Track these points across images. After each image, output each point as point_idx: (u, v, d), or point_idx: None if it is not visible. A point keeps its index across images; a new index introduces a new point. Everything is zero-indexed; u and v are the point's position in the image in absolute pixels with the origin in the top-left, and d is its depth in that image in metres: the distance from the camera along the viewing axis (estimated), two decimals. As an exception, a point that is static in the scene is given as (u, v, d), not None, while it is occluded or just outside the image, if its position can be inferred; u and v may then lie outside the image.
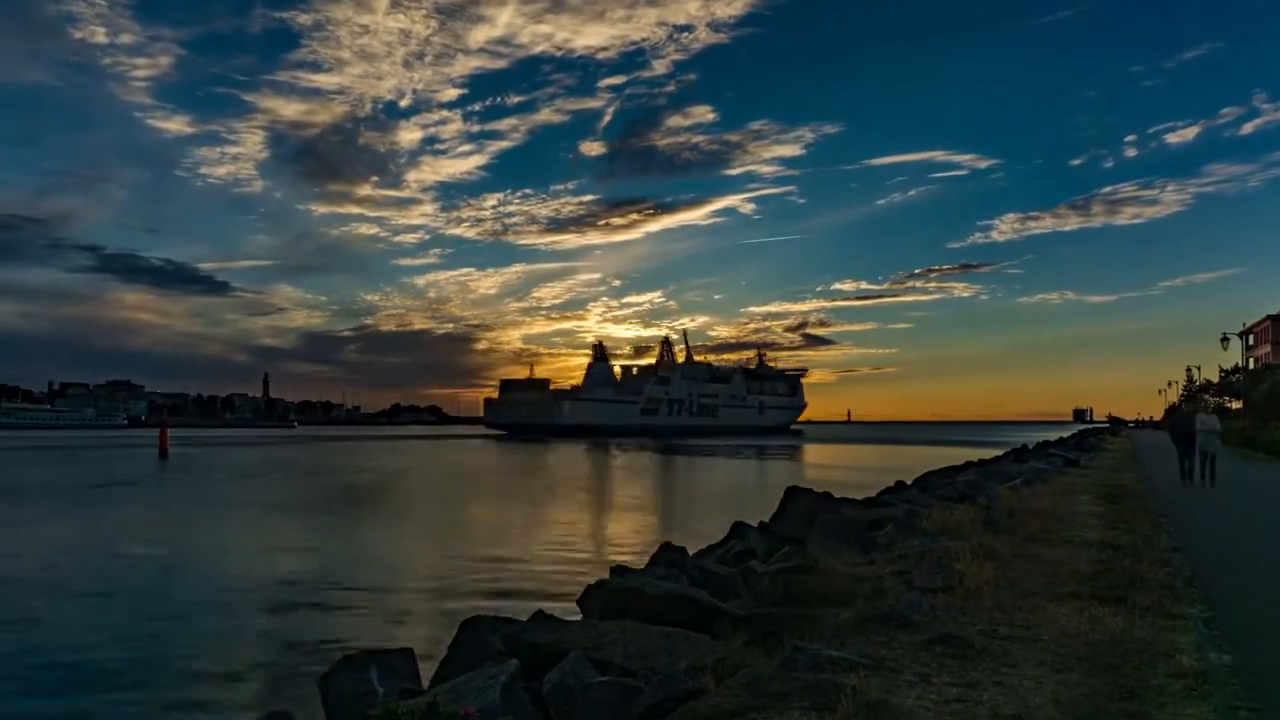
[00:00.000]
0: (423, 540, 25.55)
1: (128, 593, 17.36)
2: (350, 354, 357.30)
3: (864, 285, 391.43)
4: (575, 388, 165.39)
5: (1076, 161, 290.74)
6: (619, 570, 11.21)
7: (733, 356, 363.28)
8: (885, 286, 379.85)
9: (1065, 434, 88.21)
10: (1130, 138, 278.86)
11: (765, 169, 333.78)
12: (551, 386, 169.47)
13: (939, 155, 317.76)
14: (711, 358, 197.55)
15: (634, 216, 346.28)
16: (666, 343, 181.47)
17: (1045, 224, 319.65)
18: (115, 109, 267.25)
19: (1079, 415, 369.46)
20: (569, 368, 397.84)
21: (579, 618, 9.39)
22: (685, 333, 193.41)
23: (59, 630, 14.35)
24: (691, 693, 5.55)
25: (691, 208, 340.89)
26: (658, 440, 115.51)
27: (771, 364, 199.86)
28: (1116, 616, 7.51)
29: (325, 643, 13.34)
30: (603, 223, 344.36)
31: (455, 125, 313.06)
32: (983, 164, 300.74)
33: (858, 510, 16.88)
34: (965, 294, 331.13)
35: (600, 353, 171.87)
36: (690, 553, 13.49)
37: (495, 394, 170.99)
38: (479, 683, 5.87)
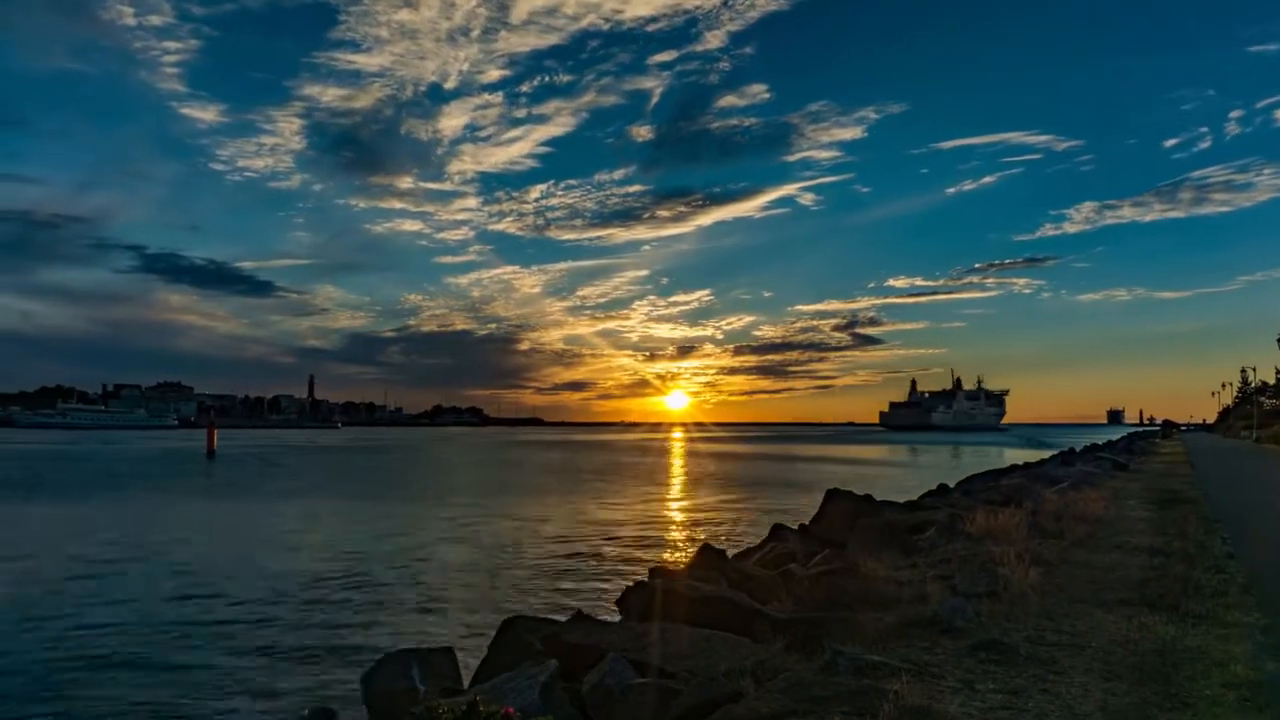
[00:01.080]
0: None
1: (191, 584, 17.75)
2: (392, 354, 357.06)
3: (919, 281, 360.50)
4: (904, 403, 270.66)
5: (1171, 142, 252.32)
6: (657, 572, 11.20)
7: (775, 357, 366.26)
8: (940, 283, 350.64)
9: (1113, 437, 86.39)
10: (1236, 113, 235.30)
11: (823, 154, 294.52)
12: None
13: (1013, 137, 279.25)
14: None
15: (681, 208, 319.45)
16: (957, 380, 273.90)
17: (1124, 214, 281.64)
18: (148, 97, 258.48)
19: (1113, 417, 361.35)
20: (610, 369, 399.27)
21: (618, 619, 9.40)
22: (956, 376, 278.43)
23: (114, 621, 14.73)
24: (731, 695, 5.53)
25: (743, 199, 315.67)
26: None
27: (981, 384, 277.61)
28: (1168, 624, 7.33)
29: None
30: (650, 215, 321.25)
31: (499, 109, 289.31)
32: (1062, 145, 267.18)
33: (899, 513, 16.71)
34: (1025, 290, 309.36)
35: (913, 386, 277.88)
36: (730, 555, 13.45)
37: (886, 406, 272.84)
38: (519, 682, 5.91)
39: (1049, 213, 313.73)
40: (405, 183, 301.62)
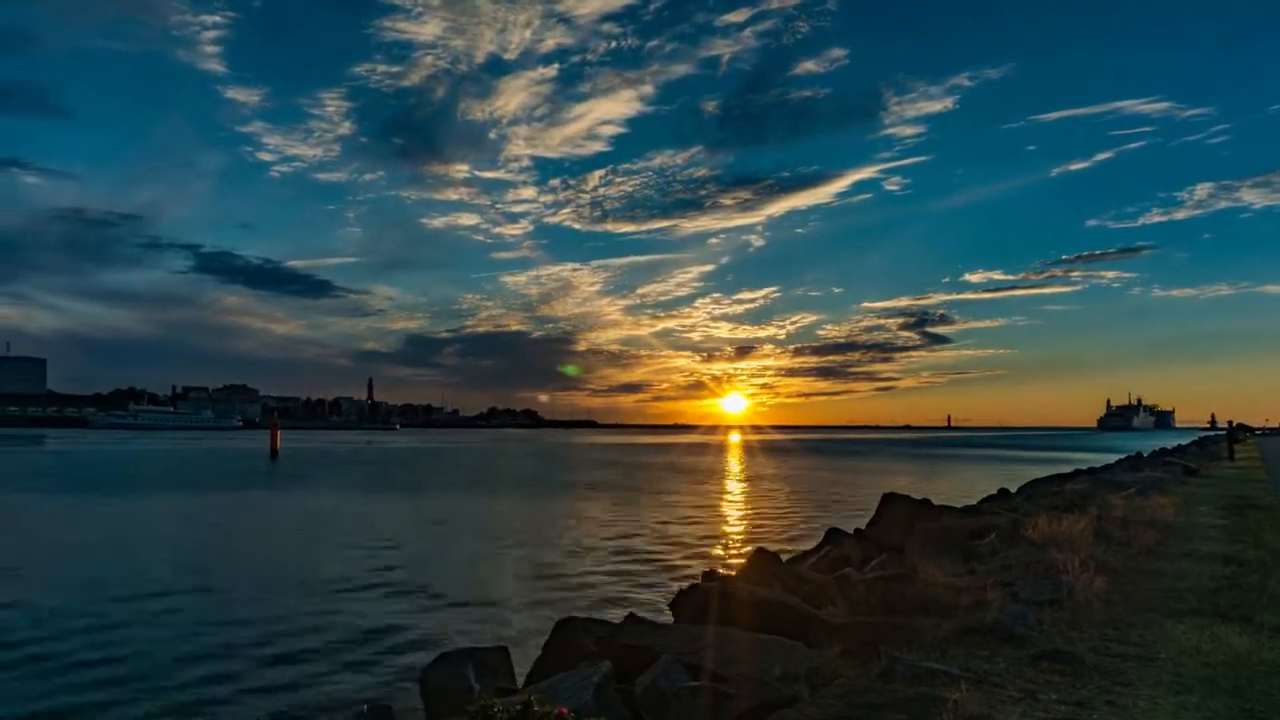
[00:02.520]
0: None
1: (255, 579, 18.25)
2: (448, 356, 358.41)
3: (997, 275, 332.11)
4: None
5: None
6: (711, 575, 11.16)
7: (837, 358, 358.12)
8: (1020, 277, 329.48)
9: (1184, 442, 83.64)
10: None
11: (906, 131, 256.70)
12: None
13: (1127, 106, 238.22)
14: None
15: (749, 196, 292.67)
16: (1138, 400, 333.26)
17: (1242, 196, 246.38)
18: (188, 79, 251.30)
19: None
20: (667, 370, 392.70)
21: (671, 621, 9.39)
22: (1136, 397, 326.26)
23: (179, 613, 15.19)
24: (785, 701, 5.48)
25: (815, 185, 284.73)
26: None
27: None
28: (1241, 636, 7.06)
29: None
30: (715, 204, 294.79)
31: (560, 84, 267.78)
32: (1184, 114, 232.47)
33: (958, 518, 16.38)
34: (1114, 284, 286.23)
35: (1109, 405, 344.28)
36: (784, 558, 13.34)
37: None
38: (572, 683, 5.93)
39: (1158, 195, 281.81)
40: (460, 171, 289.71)
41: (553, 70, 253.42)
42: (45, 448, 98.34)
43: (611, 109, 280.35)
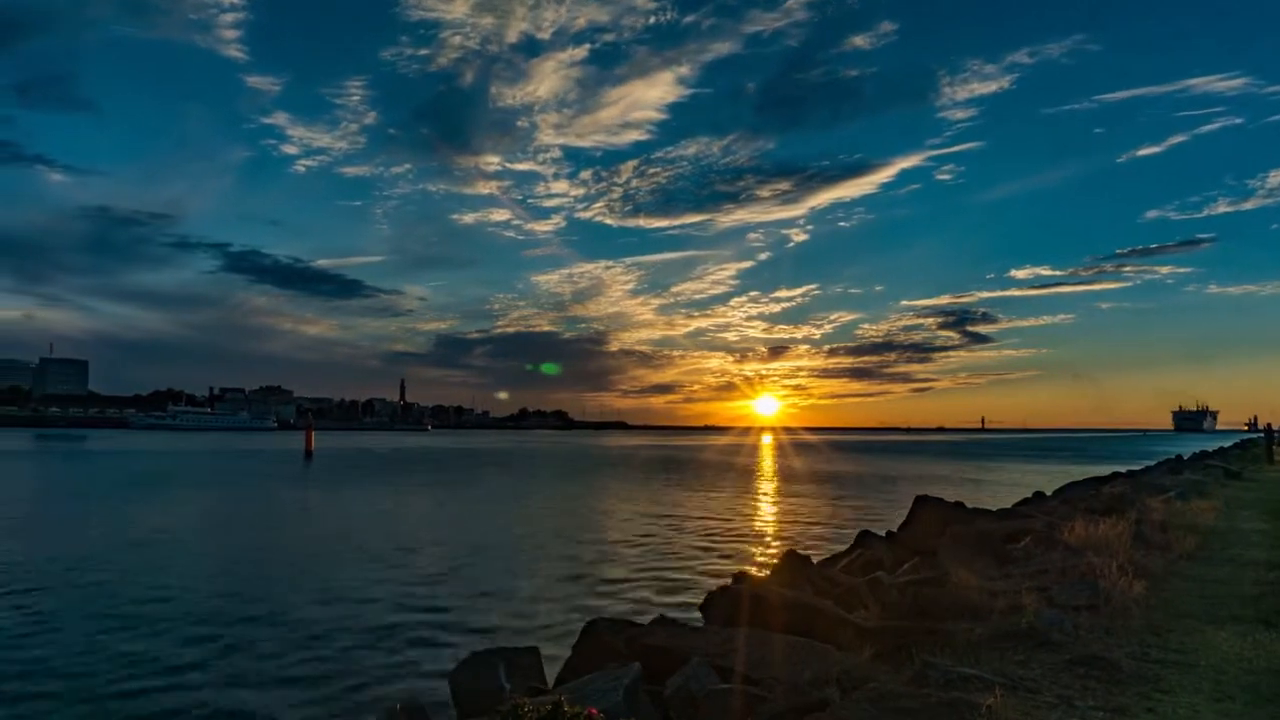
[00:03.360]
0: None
1: (289, 578, 18.50)
2: (478, 356, 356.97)
3: (1045, 271, 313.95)
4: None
5: None
6: (741, 577, 11.12)
7: (872, 359, 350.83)
8: (1068, 273, 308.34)
9: (1226, 444, 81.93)
10: None
11: (958, 114, 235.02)
12: None
13: (1198, 84, 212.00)
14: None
15: (787, 186, 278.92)
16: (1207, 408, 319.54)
17: None
18: (209, 68, 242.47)
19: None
20: (699, 371, 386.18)
21: (701, 623, 9.37)
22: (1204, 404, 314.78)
23: (213, 609, 15.44)
24: (816, 704, 5.44)
25: (859, 175, 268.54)
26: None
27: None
28: (1286, 643, 6.90)
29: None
30: (754, 196, 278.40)
31: (591, 68, 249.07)
32: (1267, 90, 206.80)
33: (992, 521, 16.17)
34: (1168, 281, 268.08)
35: (1180, 407, 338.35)
36: (815, 561, 13.26)
37: None
38: (602, 684, 5.94)
39: (1227, 183, 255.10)
40: (490, 163, 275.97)
41: (587, 50, 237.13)
42: (95, 446, 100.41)
43: (647, 93, 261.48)
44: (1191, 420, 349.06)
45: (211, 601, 16.75)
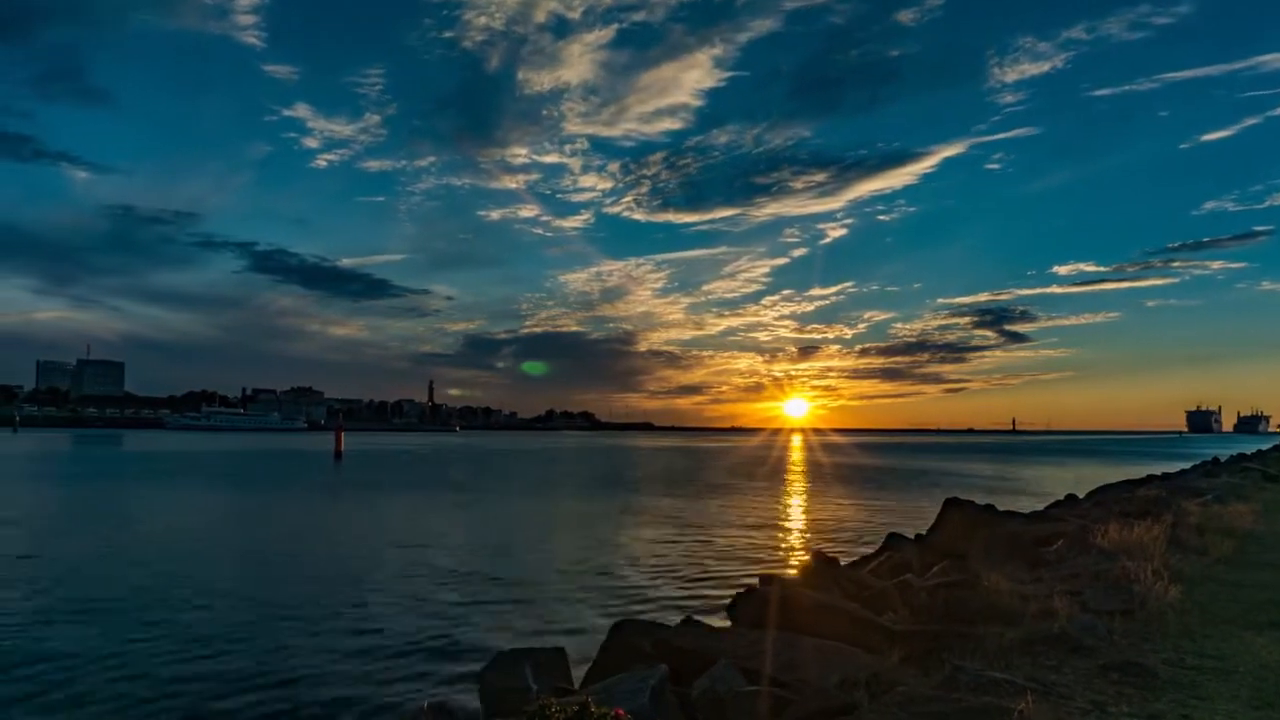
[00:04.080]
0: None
1: (320, 576, 18.71)
2: (505, 357, 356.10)
3: (1089, 267, 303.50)
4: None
5: None
6: (769, 579, 11.07)
7: (904, 359, 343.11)
8: (1113, 269, 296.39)
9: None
10: None
11: (1006, 98, 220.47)
12: None
13: (1271, 61, 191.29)
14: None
15: (823, 178, 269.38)
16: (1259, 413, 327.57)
17: None
18: (226, 55, 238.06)
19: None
20: (727, 371, 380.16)
21: (728, 625, 9.34)
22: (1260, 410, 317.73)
23: (244, 608, 15.64)
24: (844, 708, 5.40)
25: (898, 165, 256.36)
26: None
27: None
28: (1328, 650, 6.75)
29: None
30: (787, 187, 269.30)
31: (622, 50, 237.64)
32: None
33: (1023, 524, 15.99)
34: (1219, 276, 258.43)
35: (1239, 415, 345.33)
36: (843, 563, 13.18)
37: None
38: (629, 685, 5.93)
39: None
40: (517, 155, 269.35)
41: (617, 30, 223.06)
42: (132, 447, 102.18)
43: (681, 77, 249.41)
44: (1204, 419, 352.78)
45: (239, 601, 16.96)
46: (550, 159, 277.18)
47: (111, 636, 13.98)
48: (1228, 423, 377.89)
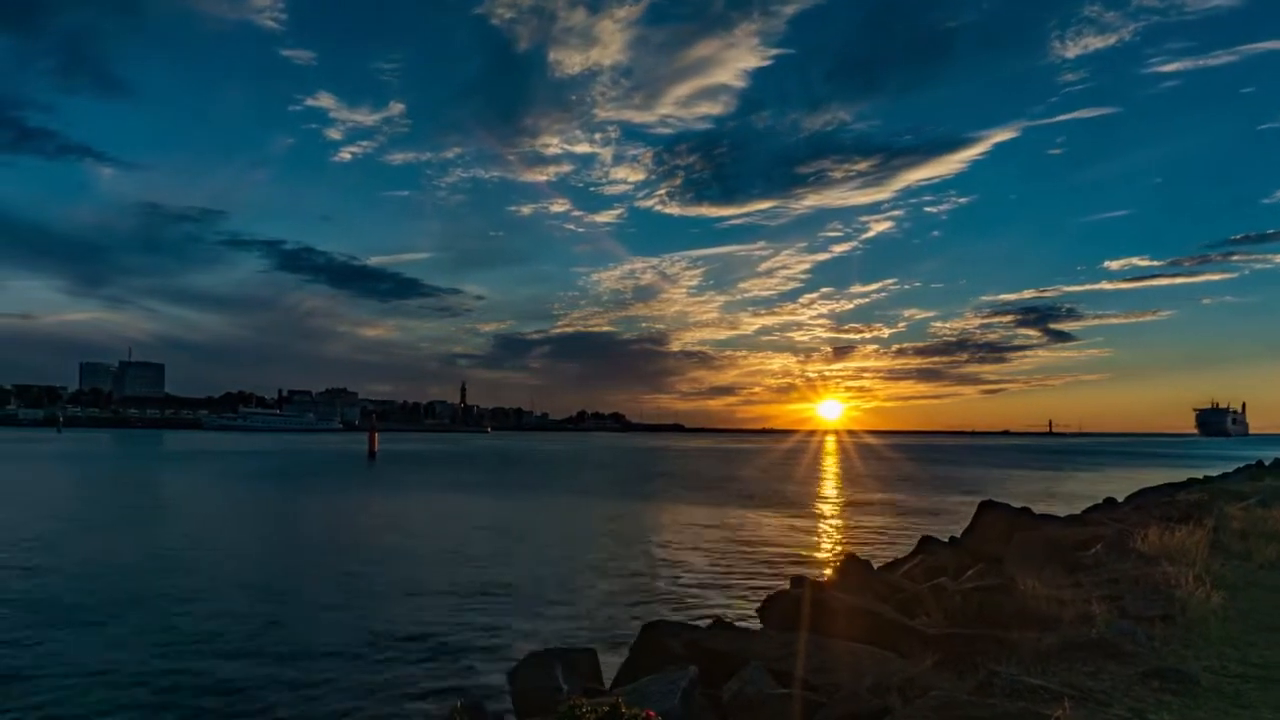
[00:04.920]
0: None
1: (353, 576, 18.92)
2: (536, 358, 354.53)
3: (1142, 262, 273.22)
4: None
5: None
6: (800, 581, 11.01)
7: (942, 359, 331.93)
8: (1167, 263, 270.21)
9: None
10: None
11: (1068, 76, 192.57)
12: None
13: None
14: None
15: (869, 165, 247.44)
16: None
17: None
18: (243, 40, 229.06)
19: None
20: (760, 372, 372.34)
21: (759, 627, 9.30)
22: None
23: (284, 602, 15.85)
24: (877, 712, 5.35)
25: (945, 152, 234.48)
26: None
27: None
28: (1378, 659, 6.56)
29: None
30: (826, 178, 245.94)
31: (658, 31, 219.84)
32: None
33: (1060, 528, 15.74)
34: None
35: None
36: (875, 566, 13.07)
37: None
38: (660, 687, 5.93)
39: None
40: (548, 144, 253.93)
41: (652, 3, 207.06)
42: (174, 446, 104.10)
43: (720, 55, 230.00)
44: (1216, 420, 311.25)
45: (272, 598, 17.19)
46: (581, 148, 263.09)
47: (133, 627, 14.26)
48: (1255, 424, 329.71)
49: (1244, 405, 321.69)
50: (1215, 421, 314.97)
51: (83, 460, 73.65)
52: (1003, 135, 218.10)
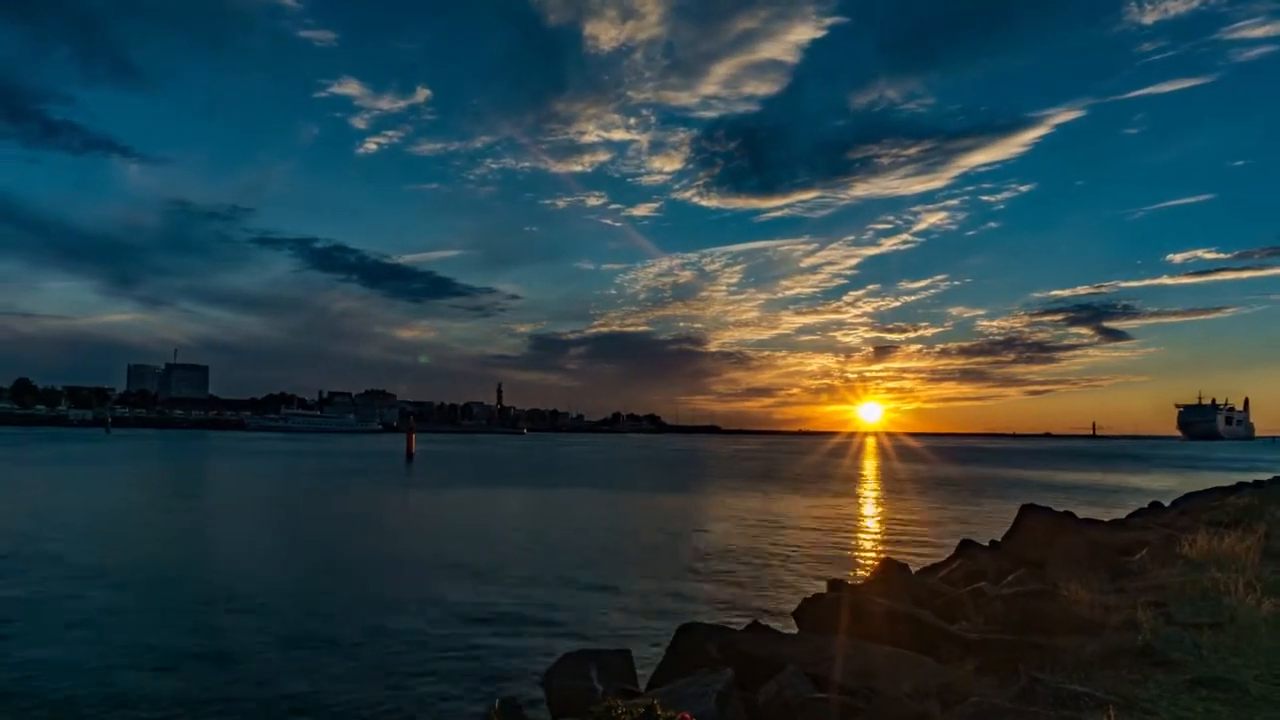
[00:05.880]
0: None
1: (390, 573, 19.14)
2: (572, 359, 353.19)
3: (1208, 254, 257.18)
4: None
5: None
6: (836, 584, 10.91)
7: (986, 359, 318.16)
8: (1235, 256, 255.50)
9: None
10: None
11: (1145, 46, 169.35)
12: None
13: None
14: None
15: (920, 149, 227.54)
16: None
17: None
18: (257, 20, 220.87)
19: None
20: (798, 373, 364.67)
21: (795, 630, 9.23)
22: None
23: (311, 605, 16.08)
24: (916, 717, 5.29)
25: (1005, 134, 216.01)
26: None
27: None
28: None
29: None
30: (873, 164, 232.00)
31: (702, 1, 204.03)
32: None
33: (1104, 533, 15.44)
34: None
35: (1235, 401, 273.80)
36: (914, 570, 12.91)
37: None
38: (695, 689, 5.91)
39: None
40: (583, 132, 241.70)
41: None
42: (219, 445, 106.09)
43: (767, 25, 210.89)
44: (1201, 419, 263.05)
45: (310, 597, 17.42)
46: (617, 135, 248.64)
47: (167, 622, 14.54)
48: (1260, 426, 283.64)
49: (1246, 401, 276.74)
50: (1200, 421, 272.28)
51: (139, 458, 75.36)
52: (1067, 115, 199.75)
